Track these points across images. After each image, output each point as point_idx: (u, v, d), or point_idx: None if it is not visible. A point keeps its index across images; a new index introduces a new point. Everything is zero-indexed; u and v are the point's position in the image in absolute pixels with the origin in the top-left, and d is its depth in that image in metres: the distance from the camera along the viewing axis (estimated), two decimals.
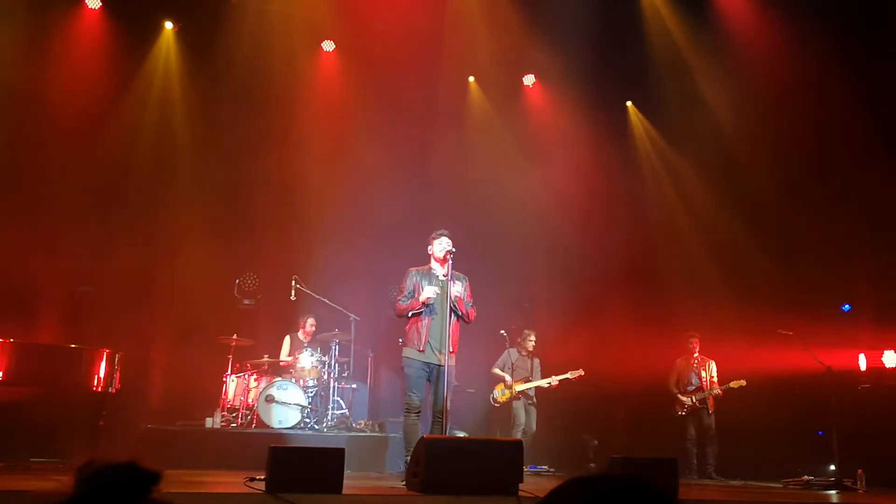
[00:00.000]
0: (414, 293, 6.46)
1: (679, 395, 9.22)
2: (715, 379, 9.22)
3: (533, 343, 9.39)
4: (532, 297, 10.89)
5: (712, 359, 9.38)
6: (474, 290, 6.82)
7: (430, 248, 6.64)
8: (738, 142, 10.23)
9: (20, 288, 8.47)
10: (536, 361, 9.42)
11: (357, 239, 10.01)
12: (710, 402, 9.08)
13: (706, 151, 10.55)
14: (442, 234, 6.60)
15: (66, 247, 8.85)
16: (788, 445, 8.80)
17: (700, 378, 9.21)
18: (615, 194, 10.91)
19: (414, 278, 6.54)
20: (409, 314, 6.42)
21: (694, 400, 9.08)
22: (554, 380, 9.15)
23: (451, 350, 6.36)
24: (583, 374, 9.15)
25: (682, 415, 9.17)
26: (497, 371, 9.29)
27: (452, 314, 6.40)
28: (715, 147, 10.44)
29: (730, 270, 10.10)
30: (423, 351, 6.31)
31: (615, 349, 10.31)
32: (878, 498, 6.90)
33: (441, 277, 6.51)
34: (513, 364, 9.18)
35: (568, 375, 9.15)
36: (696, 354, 9.35)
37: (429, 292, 6.32)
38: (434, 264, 6.63)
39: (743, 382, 8.83)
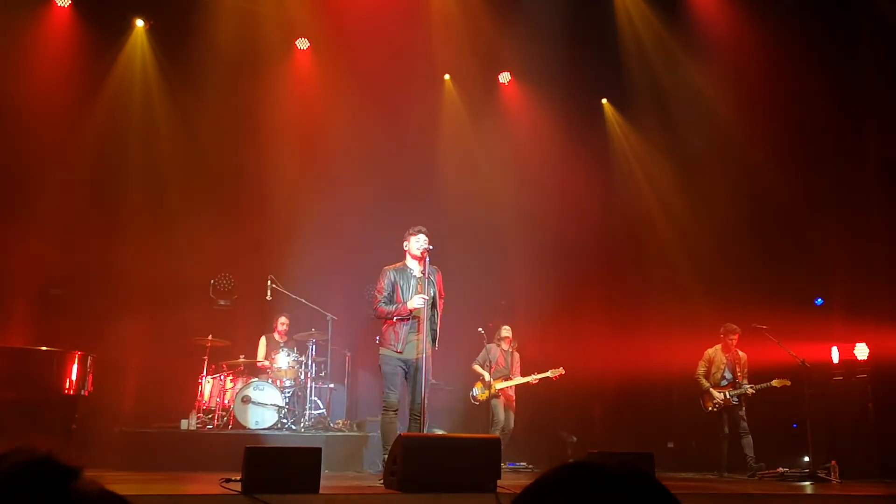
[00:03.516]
0: (393, 293, 6.35)
1: (711, 390, 8.78)
2: (745, 373, 8.80)
3: (509, 332, 9.28)
4: (509, 294, 10.91)
5: (745, 353, 8.91)
6: (449, 287, 6.79)
7: (406, 244, 6.51)
8: (712, 137, 10.32)
9: None
10: (516, 357, 9.35)
11: (333, 238, 9.96)
12: (743, 399, 8.68)
13: (681, 148, 10.63)
14: (420, 231, 6.46)
15: (38, 248, 8.72)
16: (763, 438, 8.88)
17: (735, 374, 8.80)
18: (591, 191, 10.96)
19: (391, 277, 6.41)
20: (394, 319, 6.31)
21: (728, 395, 8.69)
22: (534, 378, 9.08)
23: (434, 346, 6.33)
24: (563, 372, 9.10)
25: (712, 410, 8.79)
26: (477, 368, 9.21)
27: (433, 310, 6.34)
28: (690, 144, 10.52)
29: (704, 266, 10.18)
30: (400, 352, 6.24)
31: (592, 345, 10.37)
32: (851, 489, 6.97)
33: (418, 275, 6.42)
34: (492, 361, 9.15)
35: (548, 374, 9.07)
36: (733, 348, 8.87)
37: (417, 302, 6.21)
38: (410, 261, 6.51)
39: (787, 382, 8.45)
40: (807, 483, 7.50)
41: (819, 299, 9.96)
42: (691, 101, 10.40)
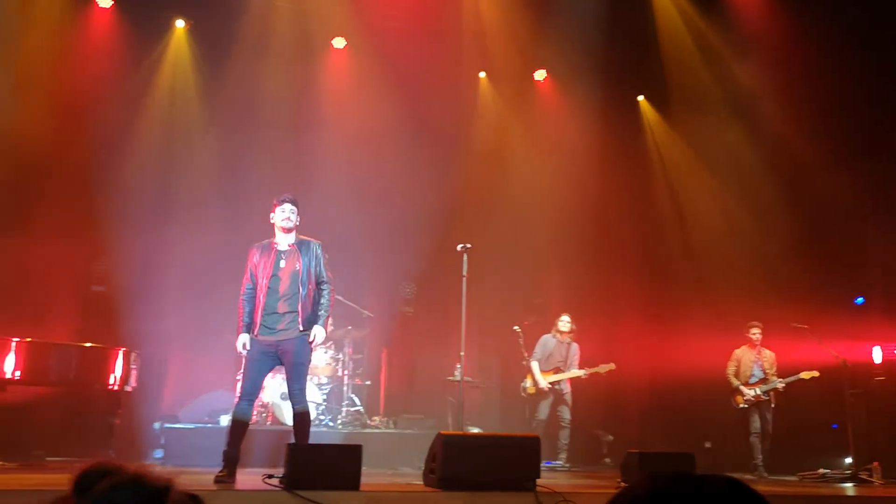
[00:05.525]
0: (254, 274, 5.76)
1: (741, 387, 8.79)
2: (774, 370, 8.84)
3: (567, 326, 9.10)
4: (544, 292, 10.88)
5: (770, 350, 8.96)
6: (485, 284, 6.65)
7: (271, 215, 5.83)
8: (752, 135, 10.21)
9: (36, 288, 8.52)
10: (574, 348, 9.15)
11: (369, 235, 10.00)
12: (773, 395, 8.75)
13: (719, 146, 10.52)
14: (284, 201, 5.80)
15: (81, 247, 8.88)
16: (803, 439, 8.79)
17: (763, 370, 8.83)
18: (627, 190, 10.91)
19: (253, 256, 5.80)
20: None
21: (759, 392, 8.71)
22: (584, 372, 8.97)
23: (300, 328, 5.66)
24: (614, 367, 8.99)
25: (743, 407, 8.79)
26: (533, 366, 9.03)
27: (301, 288, 5.69)
28: (727, 140, 10.41)
29: (743, 265, 10.07)
30: (256, 335, 5.65)
31: (628, 344, 10.31)
32: (894, 490, 6.87)
33: (285, 248, 5.79)
34: (550, 352, 9.06)
35: (598, 369, 8.98)
36: (758, 345, 8.92)
37: (239, 347, 5.72)
38: (278, 235, 5.83)
39: (816, 374, 8.47)
40: (848, 484, 7.42)
41: (860, 298, 9.82)
42: (730, 99, 10.30)
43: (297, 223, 5.83)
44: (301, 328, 5.66)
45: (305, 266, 5.72)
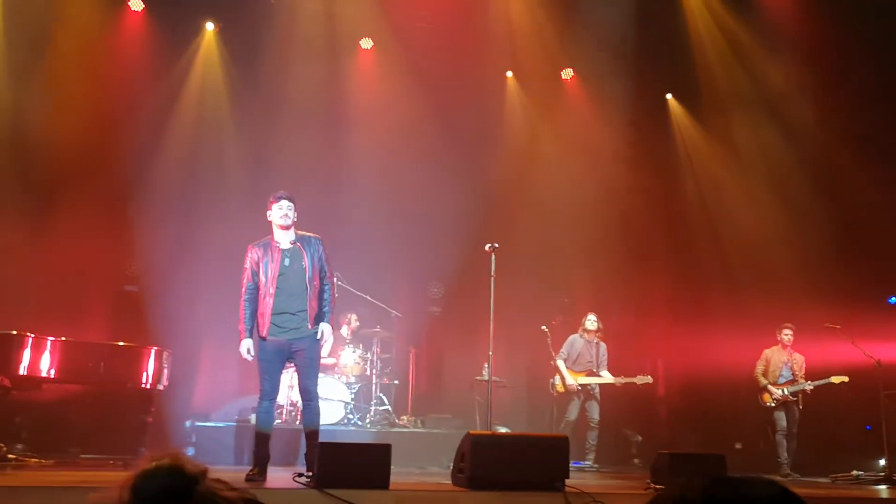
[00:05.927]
0: (256, 271, 5.67)
1: (770, 386, 8.77)
2: (803, 373, 8.80)
3: (594, 325, 9.05)
4: (573, 293, 10.84)
5: (802, 351, 8.94)
6: (513, 284, 6.62)
7: (268, 213, 5.75)
8: (781, 133, 10.09)
9: (70, 288, 8.65)
10: (603, 348, 9.08)
11: (397, 235, 10.03)
12: (800, 397, 8.72)
13: (749, 144, 10.41)
14: (281, 198, 5.71)
15: (113, 248, 9.00)
16: (837, 440, 8.68)
17: (792, 371, 8.80)
18: (656, 189, 10.83)
19: (253, 255, 5.70)
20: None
21: (786, 392, 8.69)
22: (620, 381, 8.92)
23: (309, 326, 5.64)
24: (651, 381, 8.96)
25: (770, 406, 8.76)
26: (560, 365, 8.97)
27: (308, 286, 5.66)
28: (758, 139, 10.30)
29: (774, 264, 9.96)
30: (265, 337, 5.59)
31: (657, 344, 10.26)
32: None
33: (287, 246, 5.72)
34: (579, 352, 9.01)
35: (635, 380, 8.91)
36: (789, 347, 8.89)
37: (244, 353, 5.63)
38: (277, 233, 5.74)
39: (845, 379, 8.41)
40: (882, 487, 7.31)
41: (893, 297, 9.68)
42: (762, 97, 10.19)
43: (295, 219, 5.80)
44: (310, 326, 5.66)
45: (310, 263, 5.70)
